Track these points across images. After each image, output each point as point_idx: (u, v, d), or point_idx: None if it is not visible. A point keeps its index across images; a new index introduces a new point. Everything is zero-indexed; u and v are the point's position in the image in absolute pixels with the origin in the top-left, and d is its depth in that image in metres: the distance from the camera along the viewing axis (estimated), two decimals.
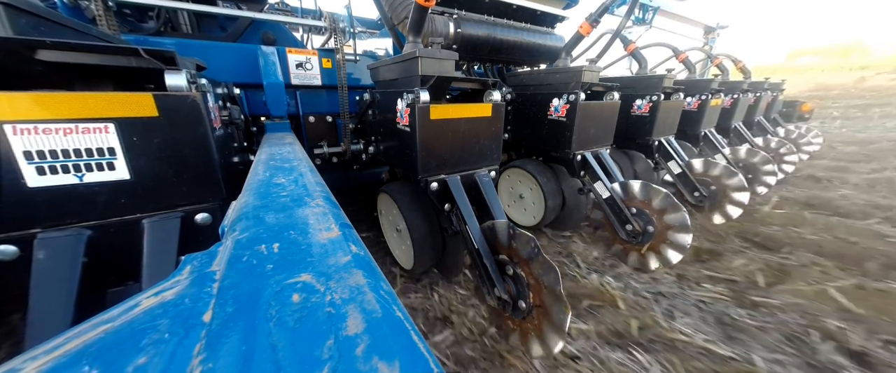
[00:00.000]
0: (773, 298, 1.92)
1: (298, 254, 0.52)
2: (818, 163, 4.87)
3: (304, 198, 0.78)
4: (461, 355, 1.53)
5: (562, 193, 2.59)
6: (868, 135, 7.13)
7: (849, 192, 3.74)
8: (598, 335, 1.64)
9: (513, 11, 2.88)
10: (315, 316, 0.38)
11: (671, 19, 4.96)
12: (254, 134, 2.11)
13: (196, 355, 0.33)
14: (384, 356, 0.33)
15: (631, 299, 1.91)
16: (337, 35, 2.30)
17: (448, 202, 1.74)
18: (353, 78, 2.60)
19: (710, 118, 3.72)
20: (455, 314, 1.78)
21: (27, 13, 0.90)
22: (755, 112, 4.76)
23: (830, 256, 2.33)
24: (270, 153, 1.31)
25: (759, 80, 4.78)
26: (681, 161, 3.06)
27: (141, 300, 0.42)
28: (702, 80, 3.58)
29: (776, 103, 5.62)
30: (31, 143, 0.76)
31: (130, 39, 1.86)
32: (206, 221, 1.02)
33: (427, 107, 1.55)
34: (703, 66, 5.32)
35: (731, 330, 1.68)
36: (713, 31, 5.40)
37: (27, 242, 0.80)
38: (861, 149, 5.66)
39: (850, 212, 3.14)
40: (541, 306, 1.37)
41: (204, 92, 0.99)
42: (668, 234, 2.12)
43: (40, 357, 0.33)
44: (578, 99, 2.19)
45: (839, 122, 9.33)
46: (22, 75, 0.82)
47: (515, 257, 1.47)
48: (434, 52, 1.55)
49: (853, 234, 2.66)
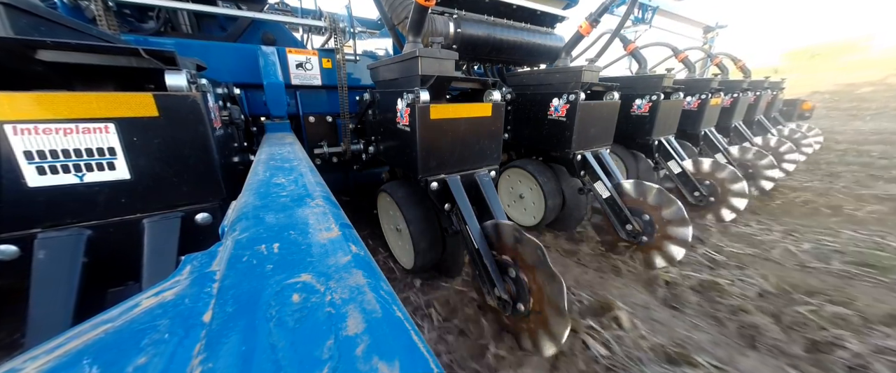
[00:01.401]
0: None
1: (298, 254, 0.52)
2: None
3: (304, 198, 0.78)
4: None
5: (562, 192, 2.59)
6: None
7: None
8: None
9: (513, 11, 2.88)
10: (315, 316, 0.38)
11: (670, 19, 4.97)
12: (254, 134, 2.11)
13: (196, 355, 0.33)
14: (384, 356, 0.33)
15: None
16: (337, 35, 2.30)
17: (448, 202, 1.74)
18: (353, 78, 2.60)
19: (710, 117, 3.72)
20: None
21: (27, 13, 0.90)
22: (755, 111, 4.75)
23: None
24: (270, 153, 1.31)
25: (759, 79, 4.78)
26: (680, 161, 3.06)
27: (141, 300, 0.42)
28: (702, 79, 3.57)
29: (776, 102, 5.61)
30: (32, 143, 0.76)
31: (130, 39, 1.87)
32: (207, 221, 1.02)
33: (427, 107, 1.55)
34: (703, 65, 5.32)
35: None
36: (712, 31, 5.41)
37: (27, 241, 0.80)
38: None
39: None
40: (540, 313, 1.37)
41: (204, 92, 1.00)
42: (669, 231, 2.12)
43: (40, 357, 0.33)
44: (578, 99, 2.19)
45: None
46: (22, 75, 0.82)
47: (520, 262, 1.46)
48: (434, 51, 1.55)
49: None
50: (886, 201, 3.36)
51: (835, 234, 2.72)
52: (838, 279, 2.12)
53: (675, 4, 4.76)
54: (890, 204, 3.29)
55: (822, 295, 1.91)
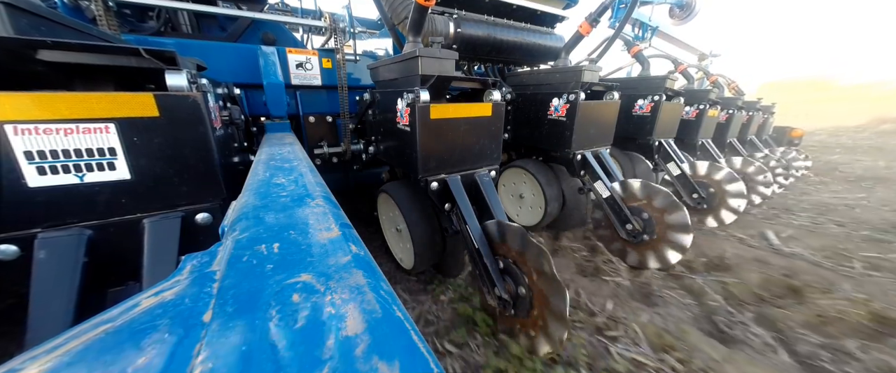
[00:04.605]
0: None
1: (298, 254, 0.52)
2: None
3: (304, 198, 0.78)
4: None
5: (562, 192, 2.59)
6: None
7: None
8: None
9: (513, 11, 2.88)
10: (315, 316, 0.38)
11: (667, 42, 5.12)
12: (254, 134, 2.11)
13: (196, 355, 0.33)
14: (384, 356, 0.33)
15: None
16: (337, 35, 2.30)
17: (448, 202, 1.74)
18: (353, 78, 2.60)
19: (707, 129, 3.78)
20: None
21: (28, 13, 0.90)
22: (748, 131, 4.91)
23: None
24: (270, 153, 1.31)
25: (752, 100, 4.95)
26: (680, 163, 3.06)
27: (141, 300, 0.42)
28: (700, 90, 3.63)
29: (767, 125, 5.81)
30: (32, 143, 0.76)
31: (130, 39, 1.87)
32: (207, 221, 1.02)
33: (427, 106, 1.55)
34: (700, 85, 5.46)
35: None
36: (706, 58, 5.58)
37: (28, 241, 0.80)
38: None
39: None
40: (540, 315, 1.37)
41: (204, 92, 0.99)
42: (669, 233, 2.12)
43: (40, 357, 0.33)
44: (578, 99, 2.19)
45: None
46: (23, 75, 0.82)
47: (522, 265, 1.44)
48: (434, 51, 1.55)
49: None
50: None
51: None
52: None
53: (673, 28, 4.91)
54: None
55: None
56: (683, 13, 4.79)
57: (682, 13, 4.80)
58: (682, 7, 4.76)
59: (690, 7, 4.69)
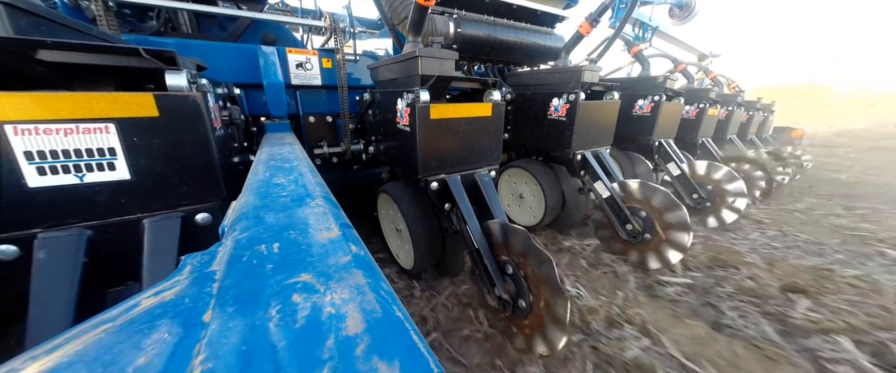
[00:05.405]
0: None
1: (298, 254, 0.52)
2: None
3: (304, 198, 0.78)
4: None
5: (562, 192, 2.59)
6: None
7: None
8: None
9: (513, 11, 2.88)
10: (315, 316, 0.38)
11: (667, 42, 5.13)
12: (254, 134, 2.11)
13: (196, 355, 0.33)
14: (384, 356, 0.33)
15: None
16: (337, 35, 2.30)
17: (448, 202, 1.74)
18: (353, 78, 2.60)
19: (707, 128, 3.80)
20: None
21: (28, 13, 0.90)
22: (748, 130, 4.93)
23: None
24: (270, 153, 1.31)
25: (752, 100, 4.98)
26: (680, 163, 3.06)
27: (141, 300, 0.42)
28: (700, 89, 3.65)
29: (767, 124, 5.83)
30: (32, 143, 0.76)
31: (130, 39, 1.87)
32: (207, 221, 1.02)
33: (427, 106, 1.55)
34: (700, 85, 5.49)
35: None
36: (706, 58, 5.61)
37: (28, 241, 0.80)
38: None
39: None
40: (539, 317, 1.37)
41: (204, 92, 0.99)
42: (668, 232, 2.12)
43: (40, 357, 0.33)
44: (578, 99, 2.19)
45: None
46: (23, 75, 0.82)
47: (527, 271, 1.43)
48: (434, 51, 1.55)
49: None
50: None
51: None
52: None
53: (674, 28, 4.92)
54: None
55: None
56: (683, 13, 4.80)
57: (682, 13, 4.81)
58: (682, 7, 4.77)
59: (690, 7, 4.70)
